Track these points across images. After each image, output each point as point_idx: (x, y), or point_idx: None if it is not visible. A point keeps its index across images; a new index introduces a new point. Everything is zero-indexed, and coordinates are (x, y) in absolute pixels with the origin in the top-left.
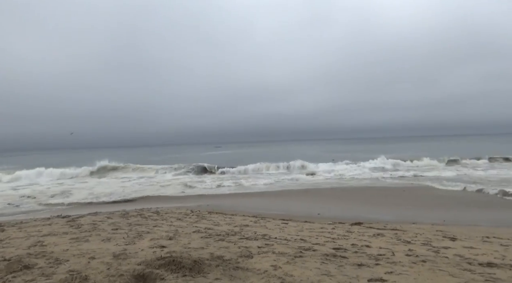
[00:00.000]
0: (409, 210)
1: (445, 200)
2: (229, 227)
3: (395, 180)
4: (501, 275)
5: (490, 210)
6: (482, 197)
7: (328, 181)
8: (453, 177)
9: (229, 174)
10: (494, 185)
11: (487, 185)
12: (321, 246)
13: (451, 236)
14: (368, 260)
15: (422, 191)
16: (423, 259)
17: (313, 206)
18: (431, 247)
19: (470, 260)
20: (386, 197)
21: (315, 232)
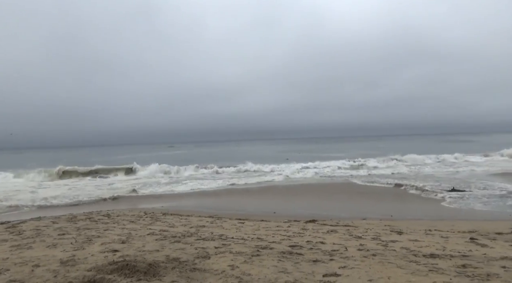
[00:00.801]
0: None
1: (369, 195)
2: (185, 228)
3: (340, 179)
4: (442, 265)
5: (394, 202)
6: (393, 190)
7: (283, 180)
8: (387, 174)
9: (185, 174)
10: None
11: (410, 180)
12: (277, 244)
13: (398, 230)
14: (323, 256)
15: (347, 186)
16: (374, 253)
17: (269, 205)
18: (381, 241)
19: (415, 252)
20: (336, 194)
21: (271, 231)
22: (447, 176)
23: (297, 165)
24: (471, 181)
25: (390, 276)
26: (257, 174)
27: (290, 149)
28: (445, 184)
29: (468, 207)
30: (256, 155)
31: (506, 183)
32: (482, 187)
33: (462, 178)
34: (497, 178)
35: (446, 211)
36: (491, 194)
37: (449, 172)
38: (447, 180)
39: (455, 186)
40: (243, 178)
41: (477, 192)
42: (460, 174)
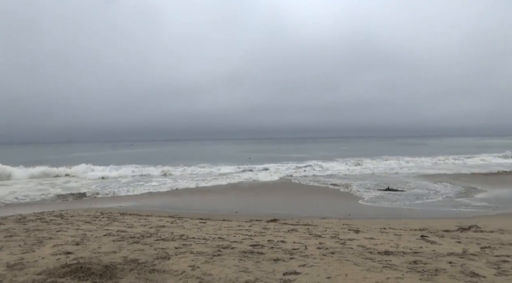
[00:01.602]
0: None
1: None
2: (144, 228)
3: (306, 180)
4: (396, 261)
5: (321, 200)
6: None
7: (245, 179)
8: (332, 175)
9: (145, 173)
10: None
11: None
12: (239, 243)
13: (355, 228)
14: (284, 254)
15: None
16: (332, 251)
17: (231, 204)
18: (339, 240)
19: (371, 249)
20: (297, 194)
21: (233, 230)
22: (388, 177)
23: (259, 166)
24: (407, 181)
25: (347, 273)
26: (219, 174)
27: (253, 149)
28: (383, 184)
29: (377, 205)
30: (218, 155)
31: (434, 183)
32: (414, 187)
33: (399, 178)
34: (428, 178)
35: (362, 208)
36: (414, 194)
37: (391, 173)
38: (387, 180)
39: (390, 185)
40: (207, 177)
41: (410, 191)
42: (400, 174)
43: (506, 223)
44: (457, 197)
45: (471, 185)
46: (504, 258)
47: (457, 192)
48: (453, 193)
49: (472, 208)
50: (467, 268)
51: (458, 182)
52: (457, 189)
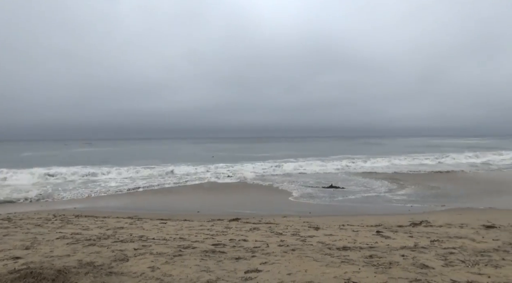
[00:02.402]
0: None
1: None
2: (101, 230)
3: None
4: (353, 256)
5: (258, 196)
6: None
7: (207, 179)
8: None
9: (103, 172)
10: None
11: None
12: (200, 243)
13: (315, 226)
14: (245, 253)
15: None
16: (293, 248)
17: (192, 204)
18: (299, 237)
19: (330, 245)
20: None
21: (194, 230)
22: (337, 174)
23: (222, 165)
24: (352, 178)
25: (307, 269)
26: (181, 174)
27: (216, 149)
28: (327, 181)
29: (305, 201)
30: (180, 154)
31: (375, 180)
32: (354, 184)
33: (346, 177)
34: (372, 176)
35: (291, 204)
36: (351, 191)
37: (343, 171)
38: (334, 177)
39: (334, 183)
40: (168, 177)
41: (349, 188)
42: (349, 173)
43: (453, 218)
44: (383, 192)
45: (401, 182)
46: (450, 250)
47: (388, 188)
48: (383, 189)
49: (391, 202)
50: (418, 260)
51: (393, 180)
52: (389, 186)
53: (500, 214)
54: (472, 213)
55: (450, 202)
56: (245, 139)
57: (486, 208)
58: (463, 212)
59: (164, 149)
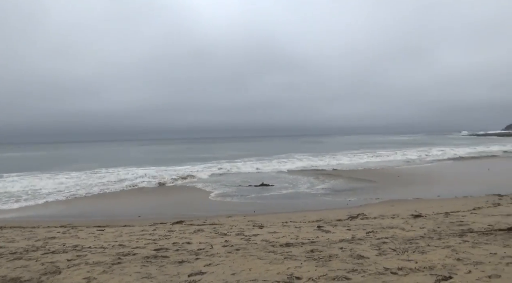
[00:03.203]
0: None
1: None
2: (28, 242)
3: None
4: (295, 251)
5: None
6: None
7: (146, 182)
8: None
9: (33, 178)
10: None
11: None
12: (141, 249)
13: (260, 224)
14: (189, 256)
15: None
16: (237, 248)
17: (133, 209)
18: (244, 236)
19: (274, 243)
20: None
21: (135, 236)
22: (271, 173)
23: (166, 167)
24: (284, 176)
25: (251, 268)
26: (119, 178)
27: (159, 150)
28: (257, 180)
29: (224, 200)
30: (119, 157)
31: (303, 177)
32: (284, 181)
33: (278, 175)
34: (302, 173)
35: (211, 204)
36: (280, 187)
37: (279, 169)
38: (267, 176)
39: (265, 181)
40: (106, 181)
41: (278, 185)
42: (282, 170)
43: (386, 209)
44: (303, 188)
45: (326, 178)
46: (383, 240)
47: (311, 184)
48: (304, 185)
49: (312, 196)
50: (354, 251)
51: (318, 175)
52: (312, 182)
53: (426, 204)
54: (403, 204)
55: (384, 195)
56: (190, 140)
57: (414, 199)
58: (395, 204)
59: (102, 152)
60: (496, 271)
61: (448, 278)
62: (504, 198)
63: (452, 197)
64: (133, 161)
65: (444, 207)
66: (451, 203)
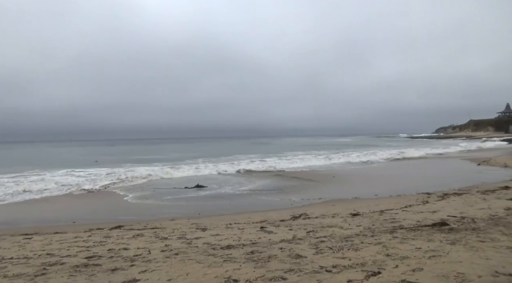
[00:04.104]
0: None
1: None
2: None
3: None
4: (236, 253)
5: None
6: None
7: (85, 184)
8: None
9: None
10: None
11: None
12: (72, 257)
13: (203, 227)
14: (124, 263)
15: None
16: (176, 252)
17: (66, 214)
18: (185, 240)
19: (215, 246)
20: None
21: (66, 243)
22: (209, 175)
23: (106, 169)
24: (221, 178)
25: (189, 272)
26: (54, 182)
27: (100, 152)
28: (194, 182)
29: (143, 202)
30: (56, 159)
31: (234, 177)
32: (218, 182)
33: (217, 176)
34: (239, 176)
35: (126, 205)
36: (211, 188)
37: (218, 171)
38: (205, 178)
39: (200, 182)
40: (39, 185)
41: (210, 186)
42: (222, 173)
43: (327, 209)
44: (236, 189)
45: (268, 178)
46: (322, 239)
47: (246, 184)
48: (237, 185)
49: (239, 196)
50: (293, 251)
51: (259, 176)
52: (251, 181)
53: (364, 203)
54: (343, 203)
55: (324, 194)
56: (134, 141)
57: (353, 198)
58: (336, 203)
59: (35, 153)
60: (419, 264)
61: (377, 273)
62: (432, 196)
63: (387, 196)
64: (67, 164)
65: (380, 205)
66: (386, 202)
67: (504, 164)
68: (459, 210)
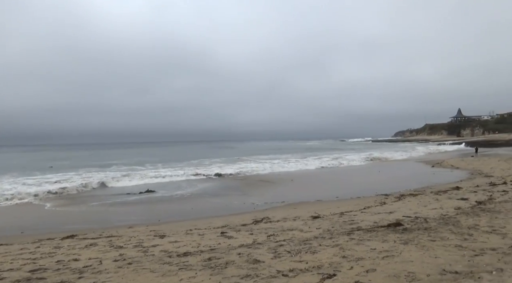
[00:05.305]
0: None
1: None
2: None
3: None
4: (192, 261)
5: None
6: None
7: (37, 192)
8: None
9: None
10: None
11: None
12: (14, 271)
13: (162, 234)
14: (71, 275)
15: None
16: (130, 262)
17: (13, 225)
18: (142, 248)
19: (172, 253)
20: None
21: (10, 256)
22: (164, 180)
23: (60, 175)
24: (176, 183)
25: None
26: (3, 189)
27: (55, 157)
28: (149, 187)
29: (97, 209)
30: (7, 165)
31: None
32: (178, 188)
33: (174, 181)
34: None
35: (78, 213)
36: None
37: (177, 175)
38: (159, 182)
39: (150, 188)
40: None
41: (158, 190)
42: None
43: (289, 212)
44: (192, 192)
45: (220, 184)
46: (281, 243)
47: (201, 188)
48: (190, 189)
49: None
50: (252, 256)
51: (211, 180)
52: (204, 186)
53: (325, 205)
54: (305, 206)
55: (284, 198)
56: (91, 146)
57: (315, 201)
58: (298, 206)
59: None
60: (373, 265)
61: (333, 275)
62: (389, 197)
63: (348, 198)
64: (19, 170)
65: (341, 207)
66: (347, 204)
67: (451, 165)
68: (414, 210)
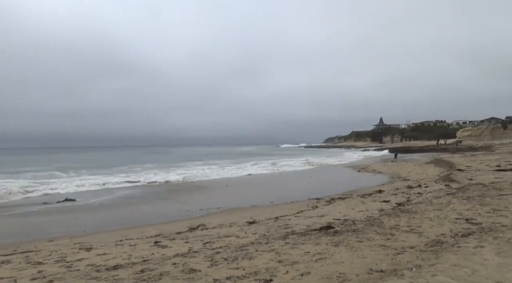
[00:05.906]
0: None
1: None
2: None
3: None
4: (123, 274)
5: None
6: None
7: None
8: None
9: None
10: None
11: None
12: None
13: (88, 246)
14: None
15: None
16: (51, 279)
17: None
18: (65, 263)
19: (100, 267)
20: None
21: None
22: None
23: None
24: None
25: None
26: None
27: None
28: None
29: (10, 220)
30: None
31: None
32: (99, 196)
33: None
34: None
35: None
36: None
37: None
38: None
39: (82, 196)
40: None
41: (86, 200)
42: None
43: (225, 218)
44: (114, 201)
45: (151, 191)
46: (218, 250)
47: (130, 196)
48: (118, 198)
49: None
50: (187, 266)
51: (143, 187)
52: (134, 194)
53: (260, 211)
54: (240, 212)
55: (223, 204)
56: (13, 150)
57: (250, 206)
58: (233, 212)
59: None
60: (307, 268)
61: (269, 281)
62: (320, 201)
63: (282, 202)
64: None
65: (275, 212)
66: (281, 208)
67: (374, 170)
68: (343, 213)
